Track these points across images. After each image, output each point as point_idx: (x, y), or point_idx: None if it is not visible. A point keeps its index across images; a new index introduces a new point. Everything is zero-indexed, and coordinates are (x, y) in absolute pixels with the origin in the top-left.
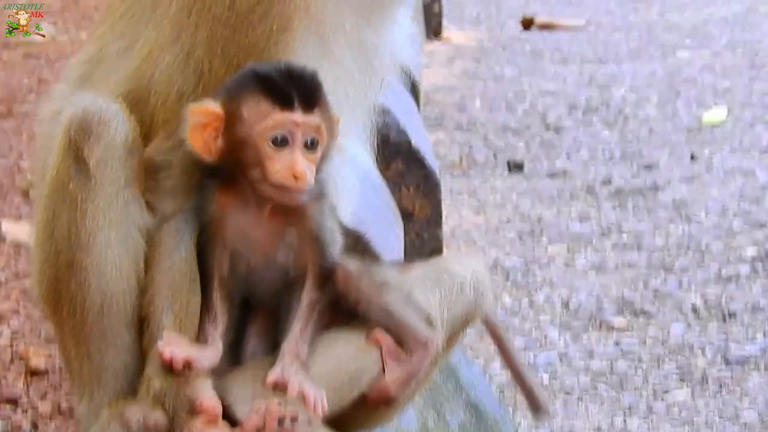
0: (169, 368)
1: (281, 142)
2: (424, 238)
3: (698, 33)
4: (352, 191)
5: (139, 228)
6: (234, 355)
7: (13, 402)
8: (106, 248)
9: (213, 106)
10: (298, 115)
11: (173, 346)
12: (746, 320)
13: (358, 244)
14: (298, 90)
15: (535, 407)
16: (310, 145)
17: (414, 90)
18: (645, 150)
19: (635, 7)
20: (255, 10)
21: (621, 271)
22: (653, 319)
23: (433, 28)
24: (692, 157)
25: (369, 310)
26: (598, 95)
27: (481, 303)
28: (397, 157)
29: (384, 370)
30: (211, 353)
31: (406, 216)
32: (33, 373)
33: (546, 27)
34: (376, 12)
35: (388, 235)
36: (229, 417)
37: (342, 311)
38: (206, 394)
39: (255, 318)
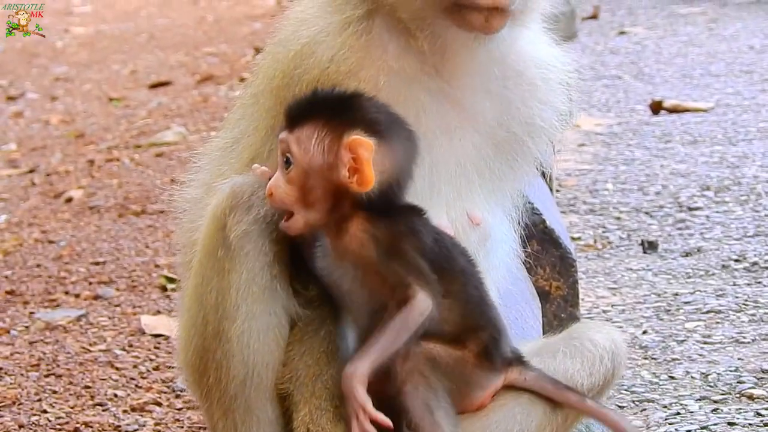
0: None
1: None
2: (561, 318)
3: None
4: (498, 270)
5: (284, 307)
6: None
7: None
8: (250, 320)
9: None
10: (283, 133)
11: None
12: None
13: None
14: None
15: None
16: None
17: (546, 175)
18: None
19: (763, 87)
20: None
21: (759, 343)
22: None
23: None
24: None
25: None
26: (729, 174)
27: (617, 372)
28: (532, 238)
29: None
30: None
31: (543, 295)
32: None
33: (675, 110)
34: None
35: (526, 315)
36: None
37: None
38: None
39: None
